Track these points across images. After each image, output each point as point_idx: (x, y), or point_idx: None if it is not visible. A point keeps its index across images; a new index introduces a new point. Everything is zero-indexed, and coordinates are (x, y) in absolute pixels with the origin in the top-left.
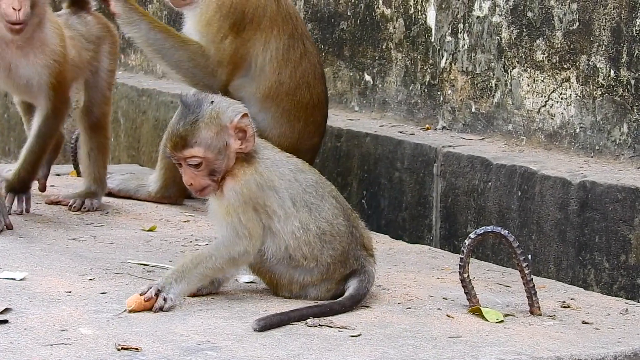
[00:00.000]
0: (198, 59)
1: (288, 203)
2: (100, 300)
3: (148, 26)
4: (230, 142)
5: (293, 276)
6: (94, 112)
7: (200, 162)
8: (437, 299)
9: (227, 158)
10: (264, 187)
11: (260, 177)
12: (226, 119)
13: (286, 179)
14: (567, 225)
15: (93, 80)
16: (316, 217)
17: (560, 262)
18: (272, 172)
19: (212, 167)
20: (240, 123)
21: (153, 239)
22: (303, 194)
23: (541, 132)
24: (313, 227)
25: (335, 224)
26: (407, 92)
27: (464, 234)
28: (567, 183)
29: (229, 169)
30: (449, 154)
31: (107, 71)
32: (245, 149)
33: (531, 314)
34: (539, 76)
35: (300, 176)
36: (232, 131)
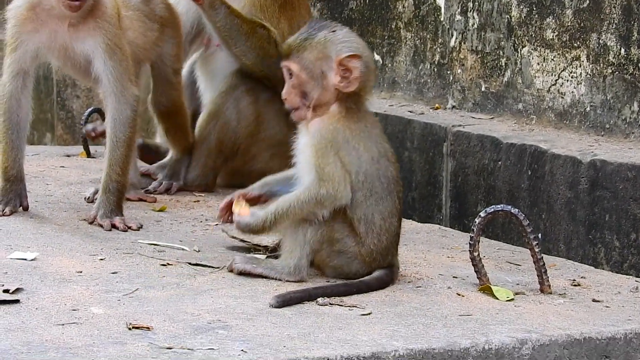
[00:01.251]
0: (266, 46)
1: (360, 176)
2: (111, 279)
3: (226, 11)
4: (328, 74)
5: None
6: (162, 100)
7: (294, 77)
8: (447, 278)
9: (321, 88)
10: (348, 143)
11: (350, 133)
12: (333, 50)
13: (370, 155)
14: (577, 204)
15: (158, 65)
16: (371, 206)
17: (570, 241)
18: (362, 138)
19: (303, 89)
20: (345, 60)
21: (163, 219)
22: (376, 179)
23: (551, 111)
24: (363, 210)
25: (388, 222)
26: (416, 72)
27: (474, 213)
28: (577, 162)
29: (324, 105)
30: (459, 134)
31: (170, 56)
32: (344, 89)
33: (541, 293)
34: (549, 55)
35: (383, 163)
36: (335, 65)
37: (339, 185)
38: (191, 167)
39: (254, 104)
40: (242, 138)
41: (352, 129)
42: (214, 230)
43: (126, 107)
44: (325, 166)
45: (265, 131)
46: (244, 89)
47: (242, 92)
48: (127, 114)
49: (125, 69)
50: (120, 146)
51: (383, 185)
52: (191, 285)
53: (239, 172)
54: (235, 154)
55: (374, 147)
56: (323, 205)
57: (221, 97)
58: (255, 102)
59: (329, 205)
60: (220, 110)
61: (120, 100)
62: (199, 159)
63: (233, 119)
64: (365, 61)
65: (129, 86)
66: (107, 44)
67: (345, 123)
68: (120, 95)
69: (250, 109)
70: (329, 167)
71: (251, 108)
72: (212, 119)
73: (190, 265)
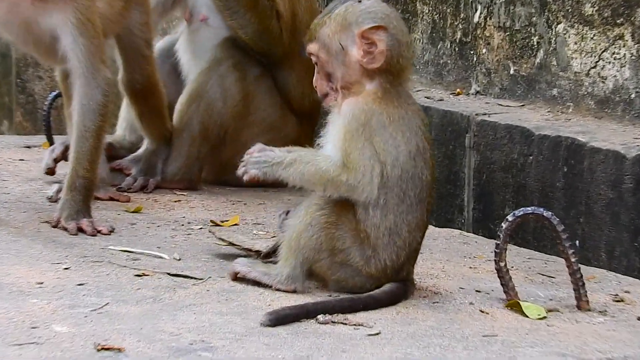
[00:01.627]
0: (267, 21)
1: (396, 170)
2: (77, 292)
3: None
4: (350, 49)
5: (348, 248)
6: (136, 78)
7: (317, 60)
8: (469, 292)
9: (344, 66)
10: (385, 129)
11: (387, 118)
12: (354, 21)
13: (408, 148)
14: (621, 206)
15: (126, 38)
16: (402, 214)
17: (612, 249)
18: (401, 126)
19: (326, 70)
20: (369, 32)
21: (138, 222)
22: (410, 180)
23: (591, 98)
24: (392, 218)
25: (412, 235)
26: (434, 51)
27: (500, 216)
28: (621, 157)
29: (354, 85)
30: (484, 123)
31: (140, 25)
32: (368, 65)
33: (578, 309)
34: (588, 33)
35: (419, 163)
36: (358, 38)
37: (364, 177)
38: (171, 159)
39: (240, 81)
40: (229, 121)
41: (391, 113)
42: (198, 235)
43: (97, 92)
44: (353, 151)
45: (255, 113)
46: (229, 64)
47: (228, 68)
48: (98, 100)
49: (97, 47)
50: (89, 137)
51: (416, 190)
52: (170, 300)
53: (229, 163)
54: (223, 141)
55: (414, 139)
56: (338, 189)
57: (204, 74)
58: (243, 78)
59: (345, 193)
60: (203, 90)
61: (91, 84)
62: (180, 149)
63: (218, 99)
64: (392, 33)
65: (101, 67)
66: (78, 18)
67: (382, 105)
68: (91, 77)
69: (236, 86)
70: (356, 153)
71: (238, 85)
72: (194, 100)
73: (170, 276)
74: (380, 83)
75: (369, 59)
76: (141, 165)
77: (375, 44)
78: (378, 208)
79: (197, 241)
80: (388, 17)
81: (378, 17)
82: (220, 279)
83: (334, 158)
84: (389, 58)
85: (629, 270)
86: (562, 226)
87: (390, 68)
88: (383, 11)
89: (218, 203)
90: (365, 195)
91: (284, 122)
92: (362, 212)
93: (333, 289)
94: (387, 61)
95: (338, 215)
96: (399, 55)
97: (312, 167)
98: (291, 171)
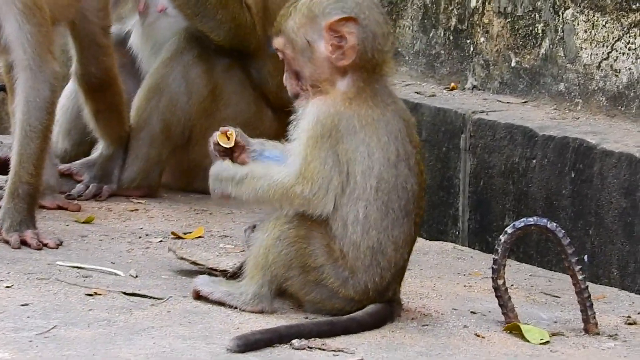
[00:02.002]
0: (240, 17)
1: (371, 181)
2: (21, 314)
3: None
4: (317, 45)
5: (322, 266)
6: (92, 70)
7: (284, 57)
8: (463, 314)
9: (312, 64)
10: (355, 134)
11: (358, 121)
12: (321, 12)
13: (385, 154)
14: (635, 217)
15: (80, 25)
16: (386, 230)
17: (625, 265)
18: (377, 129)
19: (294, 68)
20: (337, 25)
21: (90, 234)
22: (393, 191)
23: (602, 94)
24: (374, 235)
25: (399, 252)
26: (426, 40)
27: (499, 227)
28: (636, 160)
29: (324, 83)
30: (481, 122)
31: (96, 11)
32: (337, 62)
33: (586, 333)
34: (599, 20)
35: (402, 170)
36: (325, 32)
37: (319, 190)
38: (128, 163)
39: (207, 73)
40: (195, 118)
41: (363, 116)
42: (157, 249)
43: (44, 87)
44: (314, 160)
45: (226, 109)
46: (194, 54)
47: (193, 58)
48: (46, 95)
49: (44, 36)
50: (35, 137)
51: (401, 202)
52: (126, 322)
53: (196, 167)
54: (187, 141)
55: (393, 144)
56: (292, 202)
57: (164, 66)
58: (210, 70)
59: (298, 207)
60: (165, 83)
61: (38, 77)
62: (138, 151)
63: (182, 93)
64: (365, 24)
65: (49, 59)
66: (24, 3)
67: (353, 107)
68: (38, 70)
69: (203, 79)
70: (317, 162)
71: (205, 78)
72: (154, 95)
73: (125, 296)
74: (352, 81)
75: (339, 55)
76: (95, 171)
77: (345, 38)
78: (358, 223)
79: (156, 256)
80: (359, 5)
81: (348, 7)
82: (182, 298)
83: (290, 168)
84: (362, 53)
85: None
86: (568, 239)
87: (363, 64)
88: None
89: (180, 212)
90: (319, 210)
91: (259, 118)
92: (338, 228)
93: (309, 310)
94: (360, 56)
95: (309, 229)
96: (373, 49)
97: (264, 182)
98: (243, 189)
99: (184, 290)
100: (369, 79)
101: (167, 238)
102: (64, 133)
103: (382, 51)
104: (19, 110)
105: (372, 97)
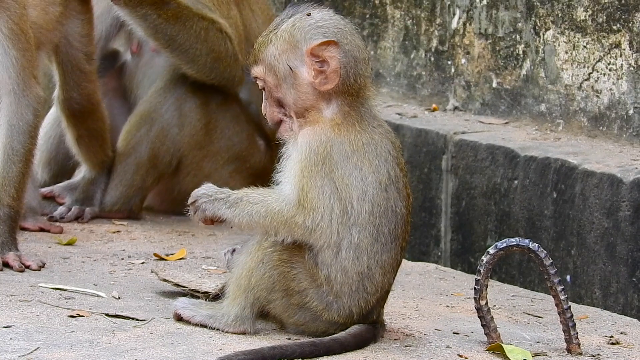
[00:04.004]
0: (219, 49)
1: (366, 205)
2: (4, 336)
3: (157, 20)
4: (299, 70)
5: (305, 290)
6: (74, 96)
7: (264, 85)
8: (446, 334)
9: (295, 90)
10: (348, 160)
11: (349, 147)
12: (302, 38)
13: (377, 178)
14: (617, 237)
15: (64, 50)
16: (376, 254)
17: (607, 285)
18: (367, 154)
19: (276, 95)
20: (318, 50)
21: (72, 255)
22: (383, 215)
23: (583, 114)
24: (365, 260)
25: (386, 278)
26: (407, 62)
27: (481, 248)
28: (617, 181)
29: (309, 110)
30: (463, 143)
31: (80, 37)
32: (321, 86)
33: (568, 353)
34: (580, 40)
35: (392, 193)
36: (307, 57)
37: (322, 220)
38: (111, 186)
39: (202, 107)
40: (186, 150)
41: (353, 141)
42: (140, 271)
43: (27, 111)
44: (311, 190)
45: (218, 141)
46: (188, 86)
47: (187, 91)
48: (29, 120)
49: (29, 61)
50: (17, 161)
51: (390, 226)
52: (109, 344)
53: (185, 196)
54: (176, 170)
55: (384, 167)
56: (292, 232)
57: (158, 95)
58: (205, 104)
59: (300, 237)
60: (157, 112)
61: (21, 102)
62: (123, 176)
63: (173, 124)
64: (347, 49)
65: (32, 84)
66: (10, 28)
67: (342, 133)
68: (22, 95)
69: (197, 113)
70: (315, 191)
71: (199, 112)
72: (145, 123)
73: (108, 317)
74: (338, 106)
75: (322, 80)
76: (77, 193)
77: (327, 62)
78: (351, 249)
79: (138, 277)
80: (341, 31)
81: (330, 32)
82: (164, 320)
83: (288, 197)
84: (344, 77)
85: (626, 309)
86: (550, 260)
87: (347, 89)
88: (335, 25)
89: (162, 234)
90: (324, 239)
91: (251, 151)
92: (329, 255)
93: (292, 332)
94: (343, 81)
95: (292, 253)
96: (355, 73)
97: (261, 208)
98: (237, 211)
99: (166, 311)
100: (354, 103)
101: (150, 260)
102: (44, 163)
103: (363, 75)
104: (2, 133)
105: (359, 122)
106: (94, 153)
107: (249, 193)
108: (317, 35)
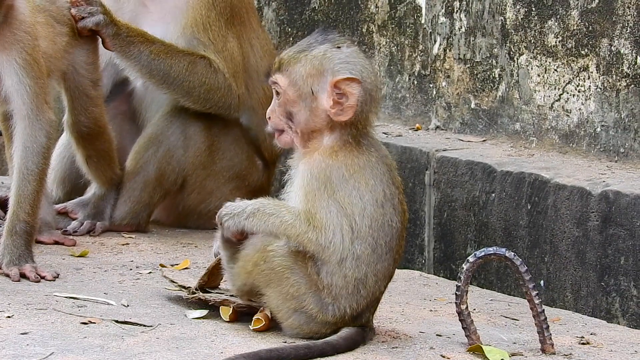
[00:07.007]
0: (210, 81)
1: (366, 221)
2: (21, 342)
3: (149, 57)
4: (319, 96)
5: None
6: (82, 120)
7: (281, 94)
8: (429, 336)
9: (309, 111)
10: (347, 181)
11: (346, 170)
12: (329, 69)
13: (374, 196)
14: (587, 245)
15: (71, 77)
16: (372, 264)
17: (578, 290)
18: (364, 175)
19: (290, 109)
20: (342, 83)
21: (84, 267)
22: (380, 229)
23: (555, 132)
24: (363, 269)
25: (378, 285)
26: (392, 85)
27: (462, 256)
28: (587, 193)
29: (313, 132)
30: (444, 160)
31: (85, 64)
32: (336, 116)
33: (543, 353)
34: (551, 64)
35: (388, 210)
36: (330, 87)
37: (334, 236)
38: (120, 202)
39: (205, 131)
40: (190, 169)
41: (349, 165)
42: (147, 280)
43: (40, 134)
44: (318, 211)
45: (221, 162)
46: (192, 112)
47: (191, 116)
48: (42, 142)
49: (41, 88)
50: (32, 180)
51: (386, 239)
52: (118, 349)
53: (194, 211)
54: (180, 188)
55: (379, 186)
56: (305, 246)
57: (165, 119)
58: (208, 128)
59: (313, 251)
60: (164, 135)
61: (35, 126)
62: (131, 192)
63: (179, 147)
64: (367, 89)
65: (45, 109)
66: (24, 58)
67: (340, 158)
68: (35, 119)
69: (201, 136)
70: (322, 212)
71: (202, 135)
72: (152, 145)
73: (118, 324)
74: (340, 136)
75: (338, 110)
76: (88, 209)
77: (347, 96)
78: (354, 260)
79: (146, 286)
80: (366, 70)
81: (356, 70)
82: (170, 325)
83: (300, 212)
84: (358, 113)
85: (595, 312)
86: (525, 267)
87: (356, 122)
88: (362, 63)
89: (168, 246)
90: (338, 254)
91: (250, 171)
92: (334, 265)
93: (288, 334)
94: (356, 116)
95: (295, 261)
96: (368, 111)
97: (276, 220)
98: (255, 221)
99: (171, 318)
100: (355, 134)
101: (156, 270)
102: (58, 181)
103: (374, 113)
104: (17, 155)
105: (357, 147)
106: (102, 171)
107: (264, 203)
108: (344, 70)
